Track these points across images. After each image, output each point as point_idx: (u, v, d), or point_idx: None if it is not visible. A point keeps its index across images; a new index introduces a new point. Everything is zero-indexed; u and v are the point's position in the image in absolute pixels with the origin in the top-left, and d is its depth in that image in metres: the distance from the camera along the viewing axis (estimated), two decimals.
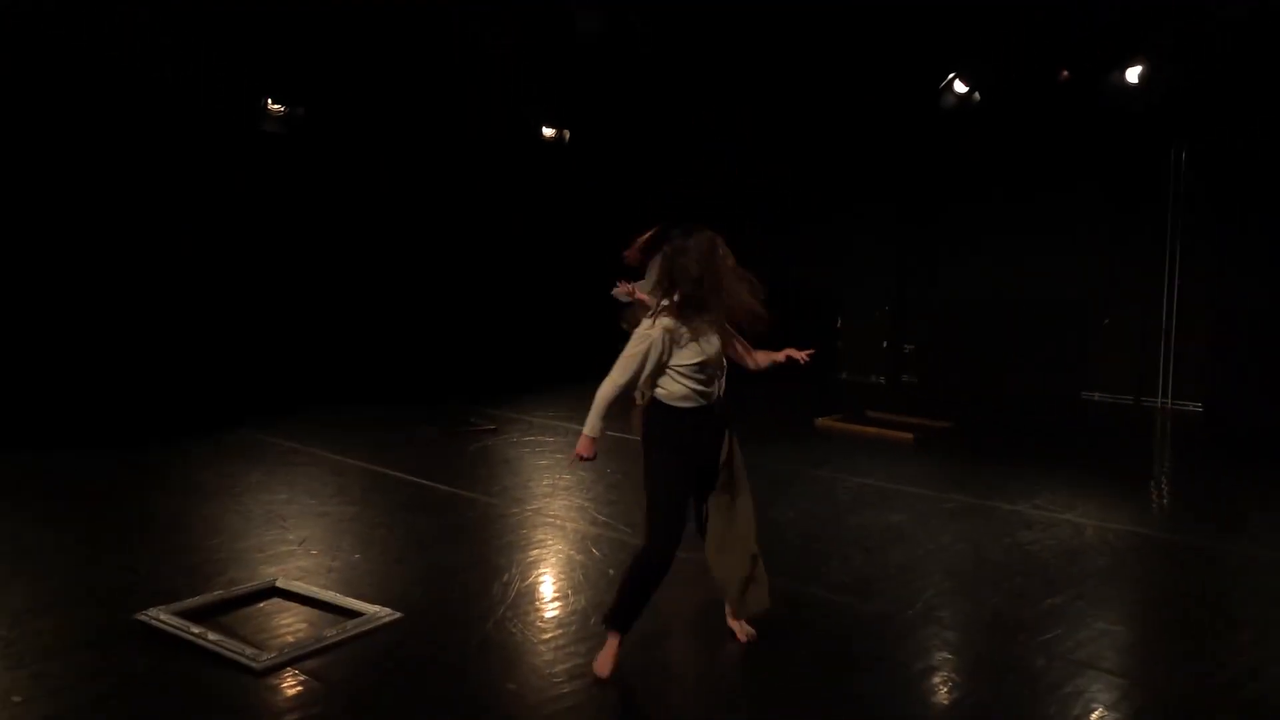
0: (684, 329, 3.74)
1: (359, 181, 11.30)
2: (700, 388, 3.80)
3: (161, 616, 4.20)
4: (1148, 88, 10.18)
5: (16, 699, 3.50)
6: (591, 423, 3.78)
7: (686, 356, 3.75)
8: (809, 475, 7.34)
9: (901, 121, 11.94)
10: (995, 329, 11.92)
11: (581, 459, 3.82)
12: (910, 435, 8.84)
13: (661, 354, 3.73)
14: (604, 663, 3.79)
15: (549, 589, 4.83)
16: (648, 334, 3.74)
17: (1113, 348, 11.33)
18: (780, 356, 4.30)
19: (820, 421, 9.52)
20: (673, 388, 3.79)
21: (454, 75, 11.39)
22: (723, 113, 12.33)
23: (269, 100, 10.51)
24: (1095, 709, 3.58)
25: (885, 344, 13.10)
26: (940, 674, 3.94)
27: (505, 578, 4.90)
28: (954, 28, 10.59)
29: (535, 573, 5.03)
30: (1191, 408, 10.76)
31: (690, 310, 3.76)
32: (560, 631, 4.23)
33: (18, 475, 6.81)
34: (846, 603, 4.66)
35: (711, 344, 3.80)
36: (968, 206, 11.98)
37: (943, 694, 3.77)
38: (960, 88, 11.16)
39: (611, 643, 3.82)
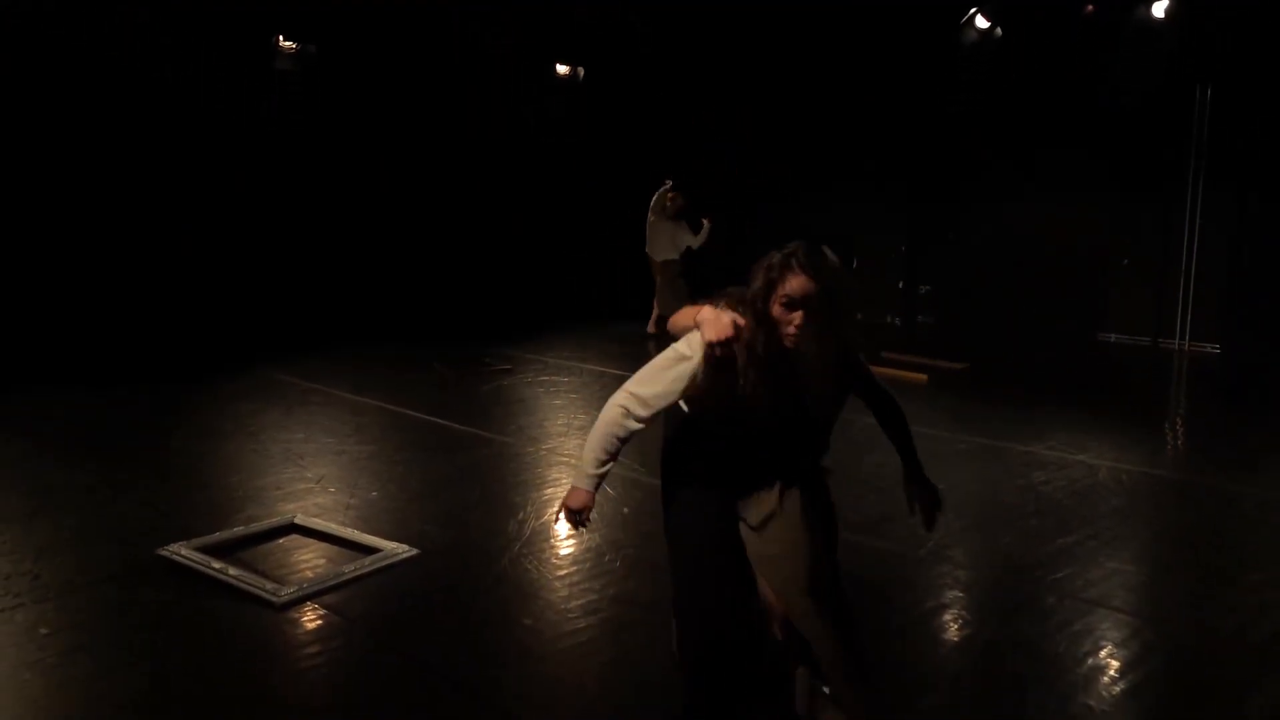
0: None
1: (372, 117, 11.22)
2: None
3: (183, 552, 4.27)
4: (1174, 23, 9.95)
5: (44, 631, 3.58)
6: None
7: None
8: None
9: (921, 57, 11.73)
10: (1012, 270, 11.80)
11: (571, 513, 2.76)
12: (924, 376, 8.82)
13: None
14: None
15: (563, 527, 4.87)
16: None
17: (1131, 289, 11.23)
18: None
19: None
20: None
21: (467, 8, 11.24)
22: (729, 51, 12.17)
23: (280, 37, 10.40)
24: (1104, 646, 3.61)
25: (901, 284, 13.01)
26: (950, 611, 3.98)
27: (520, 516, 4.95)
28: None
29: (550, 511, 5.08)
30: (1209, 349, 10.69)
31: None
32: (575, 568, 4.29)
33: (39, 414, 6.88)
34: (859, 541, 4.69)
35: None
36: (986, 145, 11.80)
37: (953, 631, 3.81)
38: (982, 23, 10.95)
39: None
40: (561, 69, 12.65)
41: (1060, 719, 3.14)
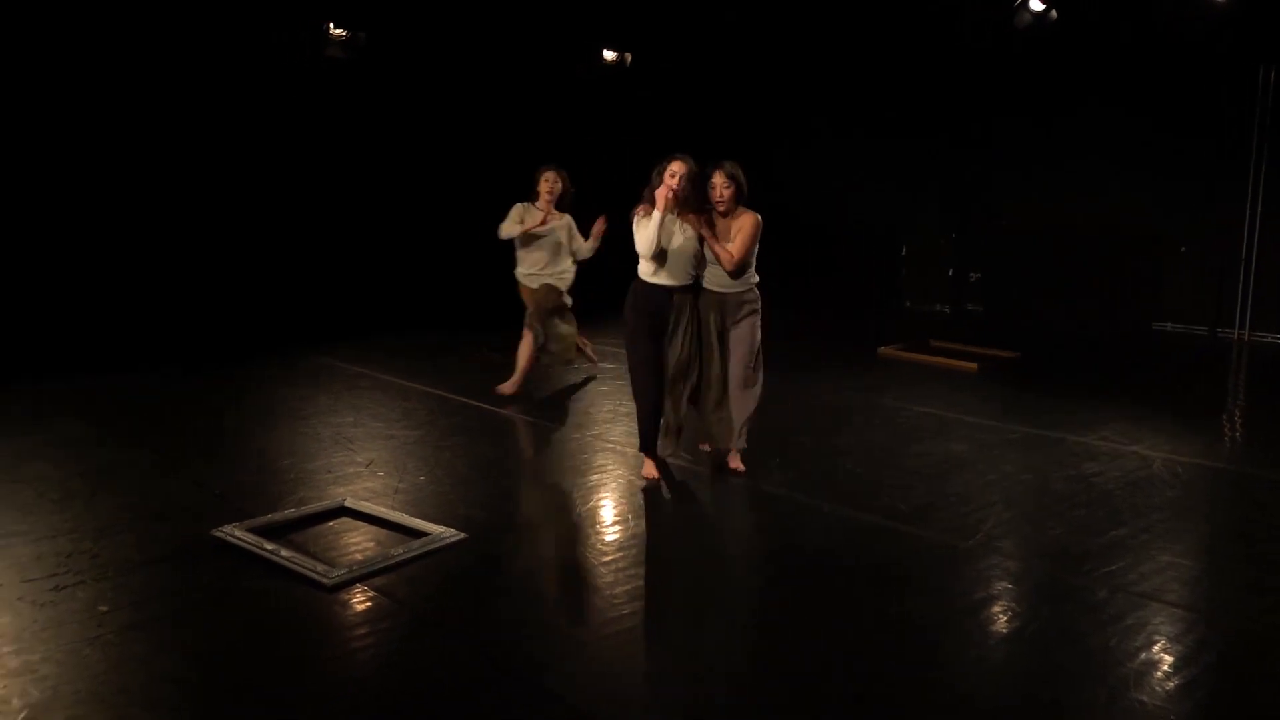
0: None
1: (420, 106, 11.29)
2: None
3: (236, 533, 4.35)
4: (1237, 3, 9.69)
5: (103, 608, 3.68)
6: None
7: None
8: (870, 404, 7.30)
9: (971, 39, 11.54)
10: (1065, 257, 11.61)
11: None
12: (974, 365, 8.72)
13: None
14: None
15: (609, 513, 4.90)
16: None
17: (1189, 277, 11.00)
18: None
19: (883, 350, 9.43)
20: None
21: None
22: (779, 34, 12.07)
23: (331, 25, 10.49)
24: (1158, 641, 3.55)
25: (950, 272, 12.87)
26: (999, 602, 3.93)
27: (566, 501, 4.97)
28: None
29: (596, 497, 5.11)
30: (1270, 339, 10.44)
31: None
32: (620, 555, 4.30)
33: (98, 397, 7.04)
34: (905, 531, 4.66)
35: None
36: (1039, 129, 11.59)
37: (1001, 622, 3.77)
38: (1036, 5, 10.74)
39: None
40: (609, 54, 12.62)
41: (1110, 714, 3.10)
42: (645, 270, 5.23)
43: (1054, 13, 10.79)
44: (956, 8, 11.09)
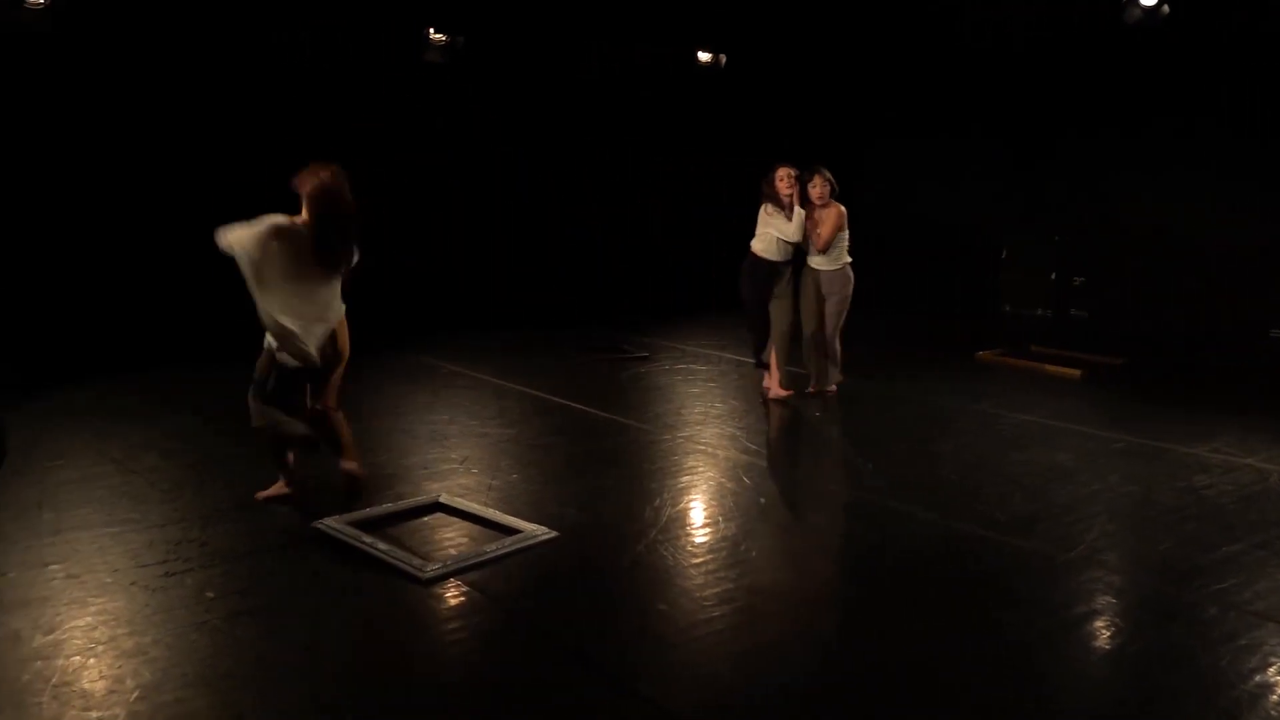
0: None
1: (517, 109, 11.44)
2: None
3: (336, 525, 4.47)
4: None
5: (210, 595, 3.82)
6: None
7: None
8: (967, 410, 7.14)
9: (1080, 38, 11.19)
10: (1176, 260, 11.16)
11: None
12: (1078, 371, 8.46)
13: None
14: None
15: (700, 515, 4.89)
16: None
17: None
18: None
19: (981, 355, 9.22)
20: None
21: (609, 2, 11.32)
22: (885, 33, 11.89)
23: (430, 30, 10.69)
24: (1274, 662, 3.39)
25: (1053, 276, 12.49)
26: (1102, 618, 3.81)
27: (657, 502, 4.98)
28: None
29: (686, 498, 5.10)
30: None
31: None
32: (710, 557, 4.29)
33: (204, 391, 7.30)
34: (1004, 541, 4.55)
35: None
36: (1150, 130, 11.17)
37: (1104, 638, 3.65)
38: (1147, 0, 10.35)
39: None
40: (704, 56, 12.60)
41: None
42: (759, 248, 6.98)
43: (1165, 7, 10.38)
44: (1069, 3, 10.76)
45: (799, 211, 6.89)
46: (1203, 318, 10.88)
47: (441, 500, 4.92)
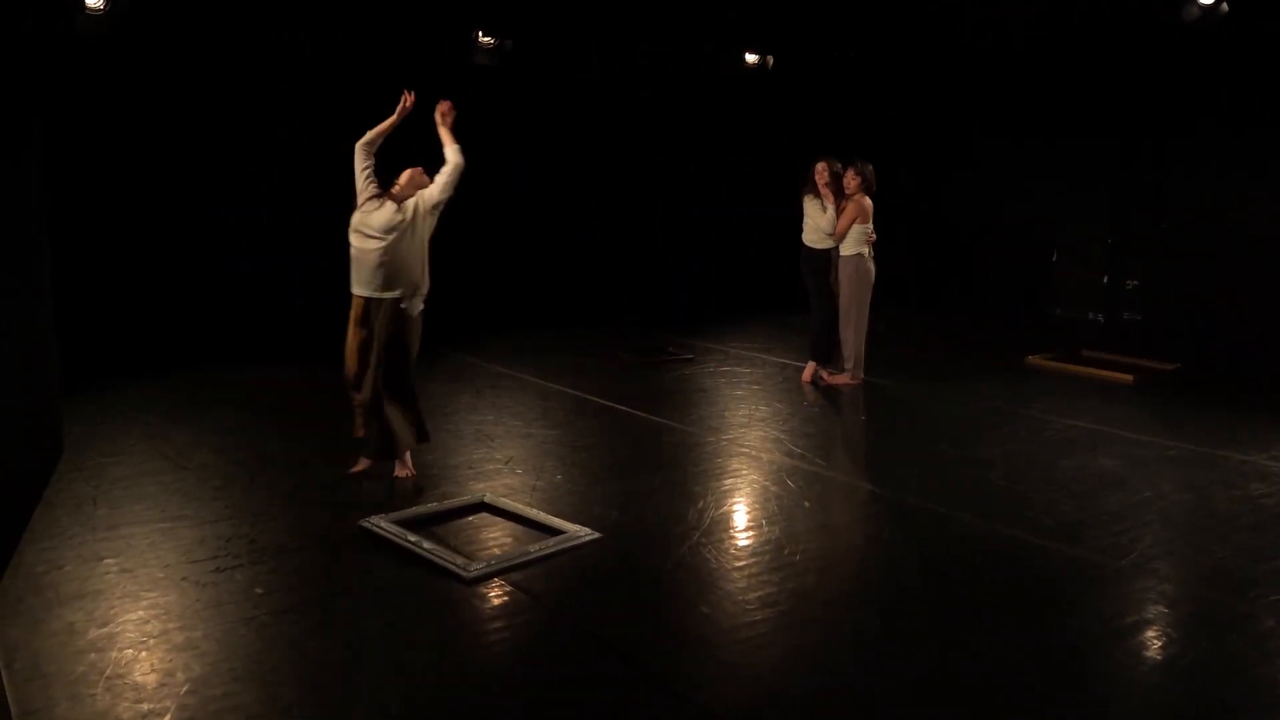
0: None
1: (565, 111, 11.47)
2: None
3: (382, 524, 4.52)
4: None
5: (259, 590, 3.88)
6: None
7: None
8: (1016, 414, 7.04)
9: (1131, 38, 10.99)
10: (1233, 264, 10.92)
11: None
12: (1130, 376, 8.30)
13: None
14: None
15: (743, 518, 4.87)
16: None
17: None
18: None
19: (1031, 359, 9.08)
20: None
21: (658, 5, 11.30)
22: (931, 31, 11.76)
23: (479, 33, 10.75)
24: None
25: (1105, 279, 12.27)
26: (1154, 627, 3.73)
27: (700, 505, 4.97)
28: None
29: (729, 501, 5.09)
30: None
31: None
32: (753, 560, 4.27)
33: (254, 389, 7.42)
34: (1052, 548, 4.48)
35: None
36: (1202, 130, 10.94)
37: (1155, 648, 3.58)
38: None
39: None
40: (750, 58, 12.55)
41: None
42: (806, 238, 7.64)
43: (1225, 5, 10.15)
44: (1125, 5, 10.56)
45: (831, 203, 7.50)
46: (1259, 321, 10.63)
47: (486, 500, 4.96)
